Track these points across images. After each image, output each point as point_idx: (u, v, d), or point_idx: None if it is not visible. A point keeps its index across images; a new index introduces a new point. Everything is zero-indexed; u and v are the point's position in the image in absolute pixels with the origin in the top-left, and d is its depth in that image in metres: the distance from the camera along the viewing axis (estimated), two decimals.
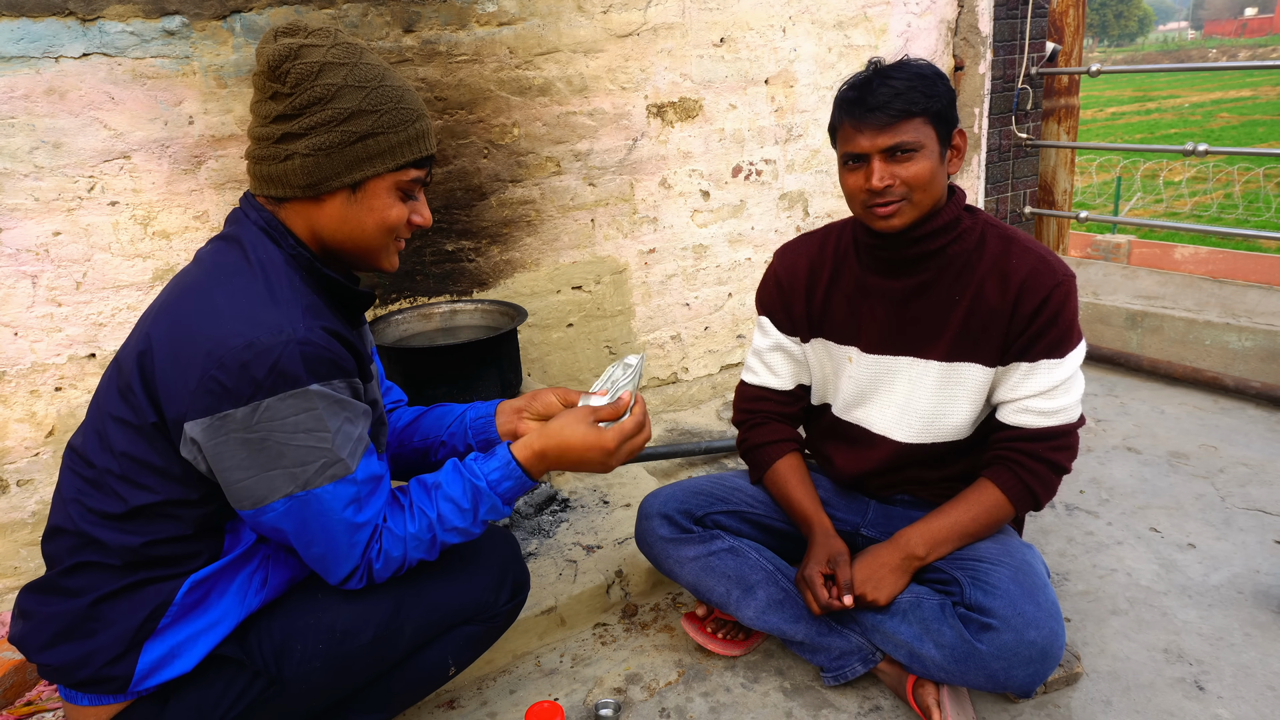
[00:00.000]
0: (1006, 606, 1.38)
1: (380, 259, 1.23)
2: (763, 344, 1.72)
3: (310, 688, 1.23)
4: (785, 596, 1.59)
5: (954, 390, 1.53)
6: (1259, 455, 2.45)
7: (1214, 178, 9.85)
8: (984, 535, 1.53)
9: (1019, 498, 1.50)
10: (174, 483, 1.10)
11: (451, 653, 1.38)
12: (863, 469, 1.66)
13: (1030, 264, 1.45)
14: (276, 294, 1.10)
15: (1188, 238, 7.57)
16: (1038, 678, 1.38)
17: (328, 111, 1.11)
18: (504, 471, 1.27)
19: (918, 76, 1.38)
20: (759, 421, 1.73)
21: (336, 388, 1.10)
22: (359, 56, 1.15)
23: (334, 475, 1.11)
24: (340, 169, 1.13)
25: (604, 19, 2.46)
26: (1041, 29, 3.56)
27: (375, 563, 1.19)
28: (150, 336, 1.10)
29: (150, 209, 1.97)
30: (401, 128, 1.15)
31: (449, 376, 1.95)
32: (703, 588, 1.63)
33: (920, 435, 1.58)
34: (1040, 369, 1.46)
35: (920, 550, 1.51)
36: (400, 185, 1.18)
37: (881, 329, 1.57)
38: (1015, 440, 1.50)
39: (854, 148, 1.41)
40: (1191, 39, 69.58)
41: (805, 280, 1.64)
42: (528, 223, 2.50)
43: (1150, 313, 3.12)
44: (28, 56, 1.78)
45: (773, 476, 1.69)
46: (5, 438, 1.93)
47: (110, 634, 1.10)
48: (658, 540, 1.67)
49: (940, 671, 1.44)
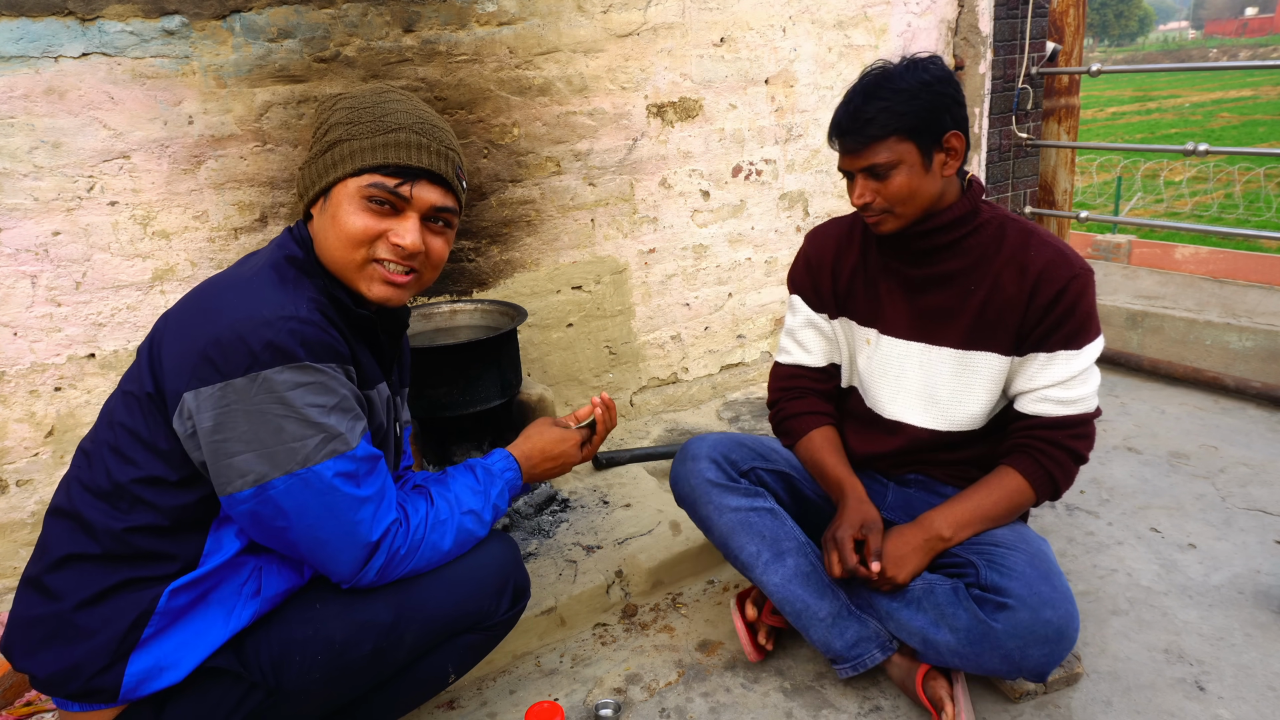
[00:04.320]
0: (1023, 587, 1.39)
1: (354, 277, 1.20)
2: (794, 322, 1.76)
3: (309, 699, 1.22)
4: (813, 570, 1.58)
5: (970, 378, 1.55)
6: (1259, 455, 2.45)
7: (1214, 178, 9.84)
8: (1005, 520, 1.54)
9: (1040, 484, 1.52)
10: (159, 459, 1.11)
11: (451, 661, 1.38)
12: (877, 451, 1.68)
13: (1048, 256, 1.48)
14: (286, 282, 1.16)
15: (1188, 238, 7.57)
16: (1053, 659, 1.38)
17: (322, 129, 1.20)
18: (506, 463, 1.41)
19: (895, 94, 1.42)
20: (796, 395, 1.75)
21: (332, 370, 1.12)
22: (380, 95, 1.21)
23: (334, 451, 1.11)
24: (315, 177, 1.20)
25: (604, 19, 2.46)
26: (1042, 29, 3.56)
27: (390, 540, 1.19)
28: (167, 317, 1.18)
29: (150, 209, 1.97)
30: (371, 136, 1.16)
31: (449, 376, 1.95)
32: (734, 543, 1.61)
33: (937, 422, 1.59)
34: (1058, 359, 1.49)
35: (946, 531, 1.51)
36: (363, 193, 1.16)
37: (901, 314, 1.60)
38: (1035, 428, 1.53)
39: (841, 164, 1.53)
40: (1192, 39, 69.57)
41: (832, 260, 1.70)
42: (528, 223, 2.49)
43: (1151, 313, 3.12)
44: (27, 56, 1.78)
45: (807, 444, 1.70)
46: (5, 438, 1.93)
47: (94, 643, 1.10)
48: (703, 483, 1.65)
49: (954, 656, 1.44)
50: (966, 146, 1.48)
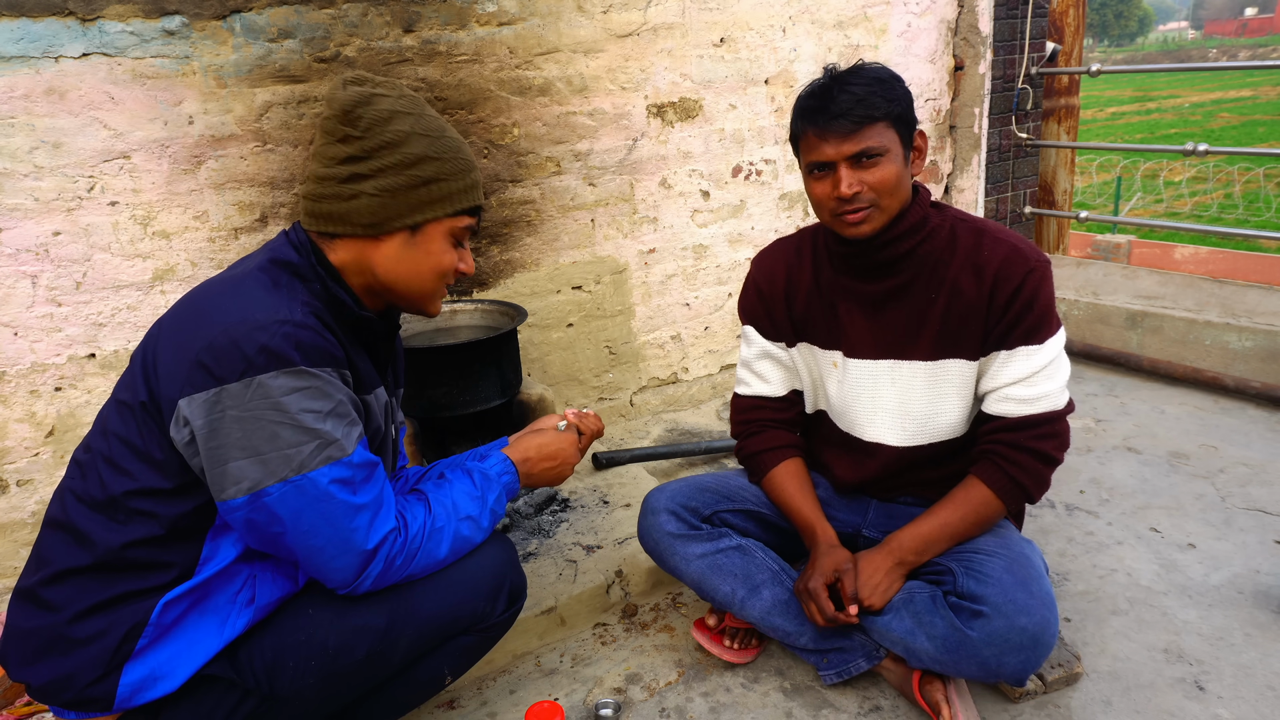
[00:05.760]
0: (998, 594, 1.38)
1: (428, 303, 1.30)
2: (750, 353, 1.72)
3: (303, 704, 1.22)
4: (790, 598, 1.59)
5: (943, 388, 1.53)
6: (1259, 455, 2.45)
7: (1214, 178, 9.85)
8: (976, 533, 1.51)
9: (1006, 492, 1.48)
10: (154, 470, 1.11)
11: (448, 663, 1.37)
12: (863, 477, 1.66)
13: (1002, 253, 1.45)
14: (279, 286, 1.16)
15: (1188, 238, 7.57)
16: (1029, 665, 1.37)
17: (397, 155, 1.18)
18: (503, 466, 1.41)
19: (876, 81, 1.38)
20: (755, 430, 1.72)
21: (327, 374, 1.12)
22: (422, 108, 1.23)
23: (329, 457, 1.11)
24: (404, 210, 1.20)
25: (604, 19, 2.46)
26: (1041, 29, 3.56)
27: (387, 549, 1.19)
28: (161, 323, 1.18)
29: (150, 209, 1.97)
30: (460, 176, 1.24)
31: (449, 376, 1.95)
32: (708, 586, 1.62)
33: (915, 438, 1.57)
34: (1018, 356, 1.45)
35: (911, 555, 1.50)
36: (454, 232, 1.26)
37: (863, 333, 1.56)
38: (998, 431, 1.49)
39: (819, 156, 1.40)
40: (1191, 39, 69.59)
41: (784, 286, 1.64)
42: (528, 223, 2.50)
43: (1150, 313, 3.12)
44: (28, 56, 1.78)
45: (770, 483, 1.68)
46: (5, 438, 1.93)
47: (88, 653, 1.09)
48: (664, 536, 1.65)
49: (933, 662, 1.44)
50: (926, 146, 1.47)
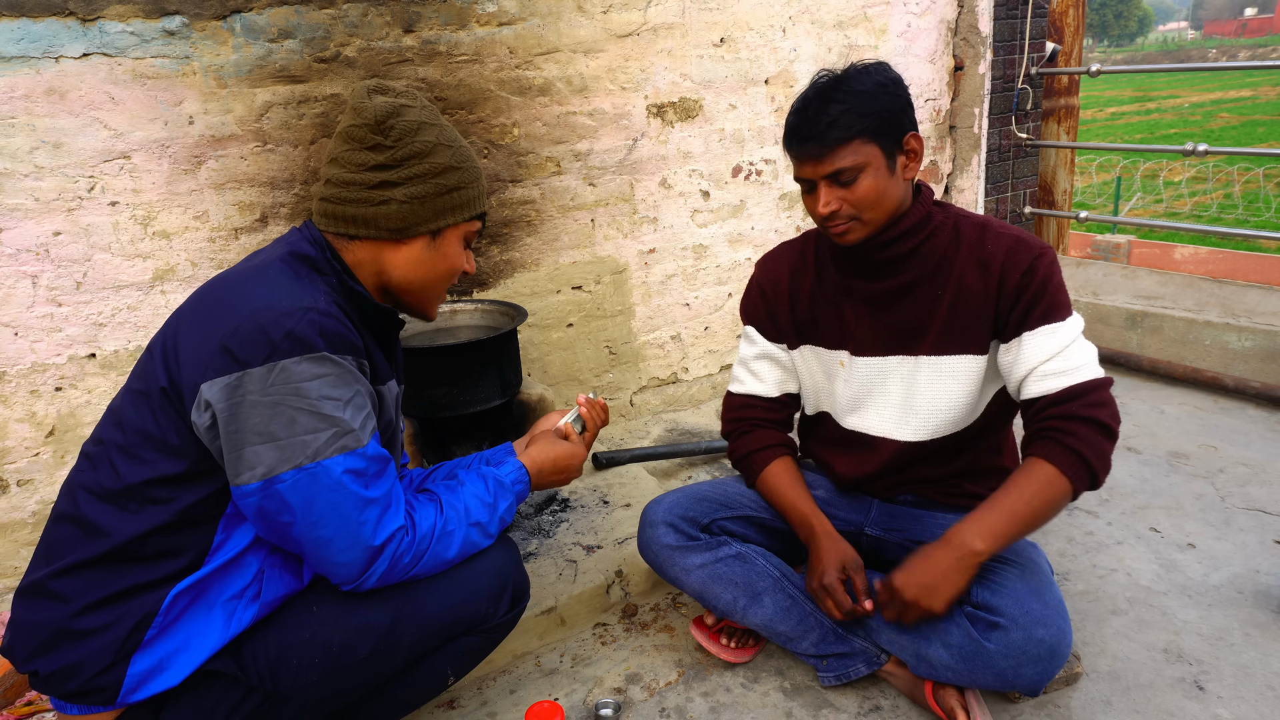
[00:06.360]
0: (1014, 605, 1.37)
1: (433, 304, 1.37)
2: (749, 352, 1.72)
3: (306, 702, 1.22)
4: (792, 603, 1.59)
5: (947, 384, 1.53)
6: (1259, 455, 2.45)
7: (1214, 178, 9.85)
8: (1045, 519, 1.40)
9: (1070, 466, 1.36)
10: (169, 456, 1.12)
11: (450, 663, 1.37)
12: (865, 472, 1.66)
13: (1006, 244, 1.45)
14: (300, 276, 1.19)
15: (1188, 238, 7.57)
16: (1045, 676, 1.37)
17: (425, 165, 1.24)
18: (518, 475, 1.42)
19: (854, 96, 1.37)
20: (746, 429, 1.72)
21: (349, 363, 1.14)
22: (440, 117, 1.30)
23: (344, 447, 1.12)
24: (430, 216, 1.26)
25: (604, 19, 2.46)
26: (1041, 29, 3.56)
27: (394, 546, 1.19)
28: (180, 312, 1.20)
29: (150, 209, 1.97)
30: (476, 183, 1.32)
31: (449, 376, 1.95)
32: (709, 595, 1.62)
33: (919, 433, 1.57)
34: (1041, 334, 1.42)
35: (979, 544, 1.36)
36: (467, 235, 1.34)
37: (869, 331, 1.57)
38: (1046, 408, 1.41)
39: (801, 174, 1.45)
40: (1191, 39, 69.60)
41: (789, 288, 1.65)
42: (528, 223, 2.50)
43: (1150, 313, 3.12)
44: (28, 56, 1.79)
45: (764, 482, 1.68)
46: (5, 438, 1.93)
47: (97, 644, 1.10)
48: (663, 548, 1.65)
49: (948, 672, 1.44)
50: (922, 148, 1.47)
